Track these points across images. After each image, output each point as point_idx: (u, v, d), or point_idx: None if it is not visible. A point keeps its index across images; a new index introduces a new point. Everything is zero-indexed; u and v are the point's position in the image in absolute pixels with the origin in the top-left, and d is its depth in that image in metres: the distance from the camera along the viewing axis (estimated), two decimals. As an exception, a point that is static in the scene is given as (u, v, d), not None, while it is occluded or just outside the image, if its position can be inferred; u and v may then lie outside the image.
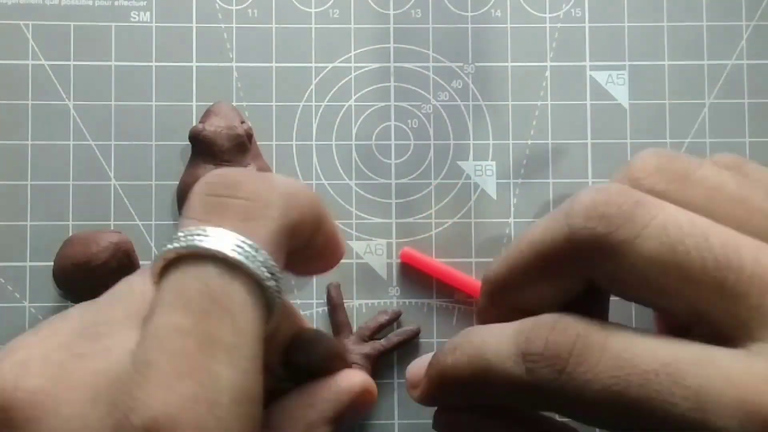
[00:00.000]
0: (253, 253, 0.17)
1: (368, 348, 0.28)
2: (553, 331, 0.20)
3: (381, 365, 0.29)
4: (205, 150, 0.28)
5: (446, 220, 0.30)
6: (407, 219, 0.30)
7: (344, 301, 0.30)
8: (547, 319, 0.21)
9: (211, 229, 0.17)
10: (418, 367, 0.25)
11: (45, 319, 0.29)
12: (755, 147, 0.31)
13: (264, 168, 0.29)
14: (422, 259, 0.30)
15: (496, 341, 0.21)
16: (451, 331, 0.30)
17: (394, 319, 0.29)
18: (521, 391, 0.21)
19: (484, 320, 0.23)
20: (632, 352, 0.19)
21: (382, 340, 0.29)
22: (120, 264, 0.28)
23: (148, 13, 0.30)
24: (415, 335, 0.29)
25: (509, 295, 0.23)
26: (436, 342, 0.30)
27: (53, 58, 0.30)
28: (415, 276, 0.30)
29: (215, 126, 0.28)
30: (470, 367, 0.22)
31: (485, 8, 0.31)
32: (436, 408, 0.24)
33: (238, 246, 0.17)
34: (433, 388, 0.24)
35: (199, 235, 0.17)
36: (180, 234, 0.17)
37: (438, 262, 0.30)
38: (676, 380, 0.19)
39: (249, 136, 0.28)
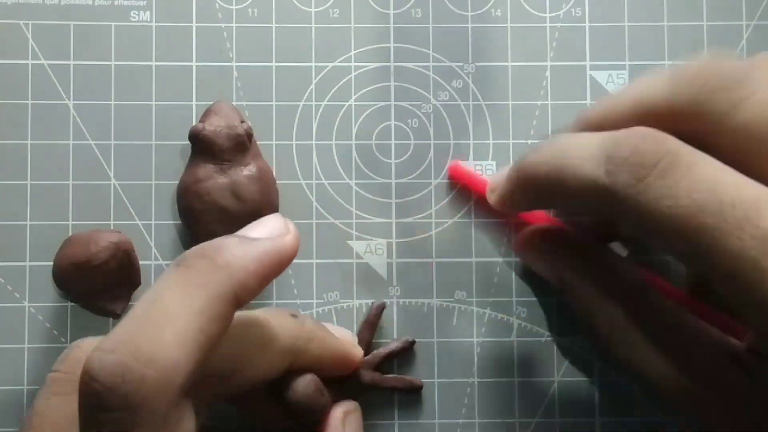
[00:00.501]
0: None
1: (369, 377, 0.28)
2: (644, 140, 0.20)
3: (382, 370, 0.29)
4: (205, 149, 0.28)
5: (446, 220, 0.30)
6: (407, 219, 0.30)
7: (344, 301, 0.30)
8: (641, 130, 0.21)
9: None
10: (500, 174, 0.26)
11: (44, 319, 0.29)
12: (755, 147, 0.31)
13: (264, 168, 0.29)
14: (469, 174, 0.30)
15: (582, 143, 0.22)
16: (451, 331, 0.30)
17: (407, 348, 0.29)
18: (593, 194, 0.21)
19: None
20: (717, 180, 0.19)
21: (389, 377, 0.29)
22: (120, 264, 0.28)
23: (147, 13, 0.30)
24: (418, 389, 0.29)
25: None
26: (436, 342, 0.30)
27: (53, 58, 0.30)
28: (415, 276, 0.30)
29: (215, 125, 0.28)
30: (549, 164, 0.23)
31: (485, 8, 0.31)
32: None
33: None
34: (511, 186, 0.25)
35: None
36: None
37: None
38: (750, 217, 0.19)
39: (249, 135, 0.28)
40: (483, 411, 0.29)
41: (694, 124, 0.21)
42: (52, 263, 0.28)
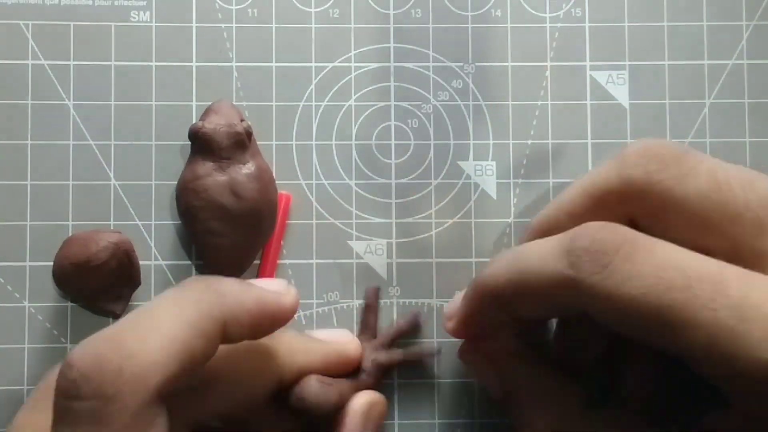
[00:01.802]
0: None
1: (384, 356, 0.28)
2: (602, 230, 0.21)
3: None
4: (204, 147, 0.28)
5: (446, 220, 0.30)
6: (407, 219, 0.30)
7: (344, 301, 0.30)
8: (595, 223, 0.21)
9: None
10: (454, 302, 0.27)
11: (44, 319, 0.29)
12: (755, 147, 0.31)
13: (263, 166, 0.29)
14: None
15: (539, 246, 0.22)
16: (451, 331, 0.30)
17: (415, 324, 0.29)
18: (559, 289, 0.21)
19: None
20: (679, 258, 0.20)
21: (401, 351, 0.29)
22: (120, 264, 0.28)
23: (147, 13, 0.30)
24: (433, 355, 0.29)
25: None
26: (436, 341, 0.30)
27: (53, 58, 0.30)
28: (415, 276, 0.30)
29: (214, 124, 0.28)
30: (509, 272, 0.23)
31: (485, 8, 0.31)
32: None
33: None
34: (470, 306, 0.25)
35: None
36: None
37: None
38: (719, 289, 0.19)
39: (248, 134, 0.28)
40: (483, 411, 0.29)
41: (645, 203, 0.22)
42: (52, 263, 0.28)
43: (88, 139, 0.30)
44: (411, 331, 0.29)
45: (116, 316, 0.29)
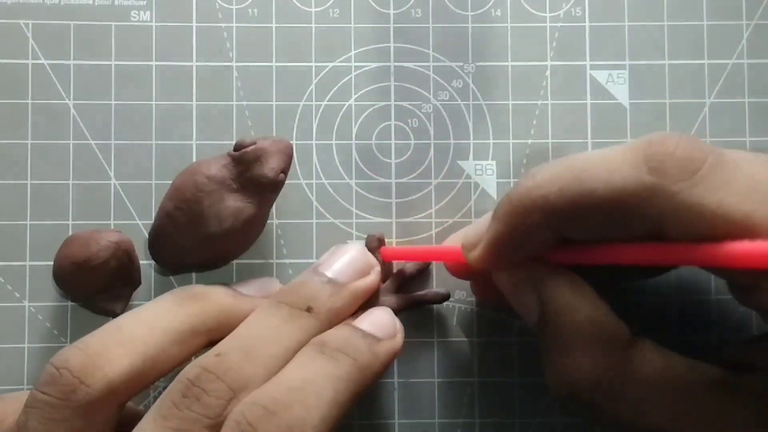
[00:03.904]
0: None
1: (391, 301, 0.28)
2: (683, 139, 0.19)
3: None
4: (247, 174, 0.27)
5: (446, 220, 0.30)
6: (407, 219, 0.30)
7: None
8: (671, 132, 0.20)
9: None
10: (474, 229, 0.23)
11: (44, 318, 0.29)
12: (755, 147, 0.31)
13: (258, 217, 0.28)
14: (397, 251, 0.29)
15: (599, 155, 0.20)
16: (451, 332, 0.30)
17: (423, 270, 0.29)
18: (635, 199, 0.19)
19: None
20: (765, 174, 0.19)
21: (408, 295, 0.29)
22: (120, 263, 0.28)
23: (148, 13, 0.30)
24: (444, 299, 0.29)
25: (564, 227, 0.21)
26: (436, 342, 0.30)
27: (53, 58, 0.30)
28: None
29: (279, 169, 0.27)
30: (563, 180, 0.20)
31: (485, 8, 0.31)
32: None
33: None
34: (504, 227, 0.22)
35: None
36: None
37: (413, 248, 0.29)
38: None
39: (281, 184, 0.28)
40: (483, 411, 0.29)
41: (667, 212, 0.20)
42: (52, 263, 0.28)
43: (88, 139, 0.30)
44: (431, 302, 0.29)
45: (116, 316, 0.29)
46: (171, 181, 0.29)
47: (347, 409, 0.21)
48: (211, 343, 0.23)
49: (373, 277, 0.25)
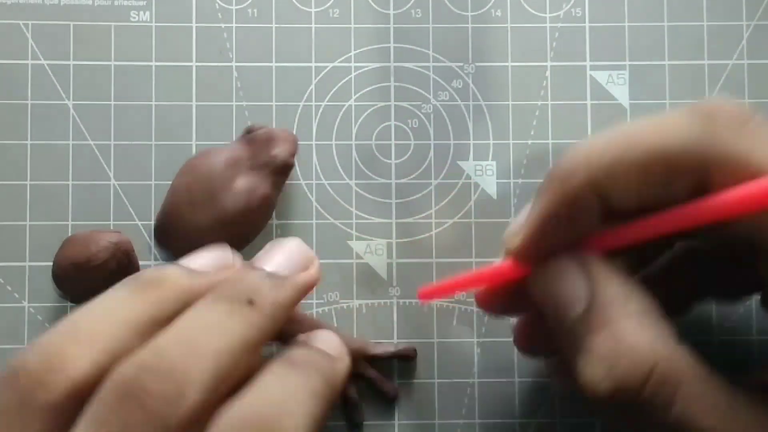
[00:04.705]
0: None
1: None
2: (734, 101, 0.20)
3: (382, 371, 0.29)
4: (259, 156, 0.28)
5: (446, 220, 0.30)
6: (407, 219, 0.30)
7: (344, 301, 0.30)
8: (716, 98, 0.21)
9: None
10: (517, 221, 0.22)
11: (44, 319, 0.29)
12: (755, 147, 0.31)
13: (269, 198, 0.29)
14: (440, 287, 0.26)
15: (650, 121, 0.20)
16: (451, 332, 0.30)
17: (408, 356, 0.29)
18: (686, 147, 0.20)
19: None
20: None
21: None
22: (120, 264, 0.28)
23: (147, 13, 0.30)
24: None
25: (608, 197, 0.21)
26: (436, 342, 0.30)
27: (53, 58, 0.30)
28: (415, 276, 0.30)
29: (290, 153, 0.29)
30: (616, 147, 0.20)
31: (485, 8, 0.31)
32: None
33: None
34: (550, 204, 0.21)
35: None
36: None
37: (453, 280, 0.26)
38: None
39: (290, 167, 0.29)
40: (483, 411, 0.29)
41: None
42: (52, 263, 0.28)
43: (88, 139, 0.30)
44: (401, 358, 0.29)
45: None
46: (171, 182, 0.30)
47: (321, 424, 0.21)
48: None
49: (314, 270, 0.23)
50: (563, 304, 0.21)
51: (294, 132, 0.30)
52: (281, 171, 0.29)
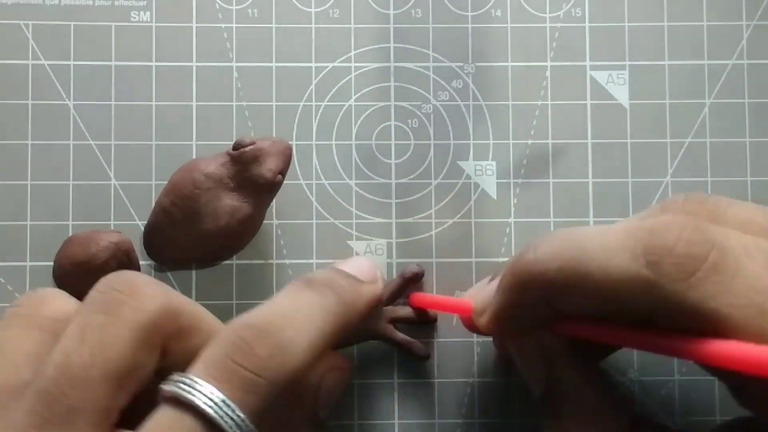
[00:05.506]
0: (232, 416, 0.19)
1: (382, 328, 0.28)
2: (686, 229, 0.19)
3: (382, 366, 0.29)
4: (246, 173, 0.28)
5: (446, 220, 0.30)
6: (407, 219, 0.30)
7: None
8: (676, 219, 0.19)
9: (206, 387, 0.19)
10: (483, 291, 0.24)
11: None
12: (755, 147, 0.31)
13: (255, 218, 0.28)
14: (430, 301, 0.29)
15: (600, 235, 0.20)
16: (451, 332, 0.30)
17: (415, 277, 0.29)
18: (631, 290, 0.19)
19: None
20: (766, 280, 0.18)
21: (398, 334, 0.29)
22: (120, 264, 0.28)
23: (148, 13, 0.30)
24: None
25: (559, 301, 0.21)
26: (436, 342, 0.30)
27: (53, 58, 0.30)
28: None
29: (278, 171, 0.28)
30: (562, 258, 0.20)
31: (485, 8, 0.31)
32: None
33: (222, 410, 0.19)
34: (508, 297, 0.22)
35: (193, 390, 0.19)
36: (182, 380, 0.19)
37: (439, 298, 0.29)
38: None
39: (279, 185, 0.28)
40: (483, 411, 0.29)
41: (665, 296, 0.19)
42: (52, 263, 0.28)
43: (88, 139, 0.30)
44: (412, 283, 0.29)
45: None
46: (171, 182, 0.30)
47: (331, 341, 0.22)
48: None
49: (381, 284, 0.26)
50: (527, 379, 0.24)
51: (294, 132, 0.30)
52: (267, 190, 0.28)
